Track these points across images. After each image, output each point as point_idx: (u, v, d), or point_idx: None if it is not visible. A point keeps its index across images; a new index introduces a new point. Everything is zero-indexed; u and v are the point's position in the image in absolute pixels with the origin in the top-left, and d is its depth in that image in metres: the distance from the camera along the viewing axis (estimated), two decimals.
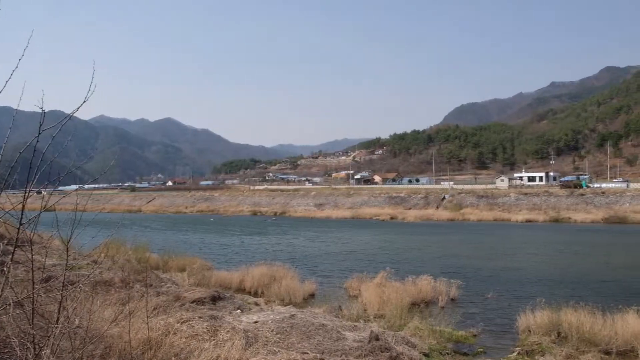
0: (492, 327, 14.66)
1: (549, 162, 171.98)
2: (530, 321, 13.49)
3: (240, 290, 19.22)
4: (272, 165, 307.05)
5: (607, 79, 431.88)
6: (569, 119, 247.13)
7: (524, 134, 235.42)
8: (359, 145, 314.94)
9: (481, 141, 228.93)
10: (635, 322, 12.34)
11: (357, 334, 10.55)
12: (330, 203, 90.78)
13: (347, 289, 19.26)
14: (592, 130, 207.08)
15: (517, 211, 70.28)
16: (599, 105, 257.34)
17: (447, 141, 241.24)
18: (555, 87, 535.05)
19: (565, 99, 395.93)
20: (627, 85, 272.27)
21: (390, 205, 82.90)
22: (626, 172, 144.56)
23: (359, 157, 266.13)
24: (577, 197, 74.56)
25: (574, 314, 13.01)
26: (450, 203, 79.43)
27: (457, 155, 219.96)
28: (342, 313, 14.17)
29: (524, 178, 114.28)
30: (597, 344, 11.92)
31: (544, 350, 11.59)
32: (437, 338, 12.35)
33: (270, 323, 10.63)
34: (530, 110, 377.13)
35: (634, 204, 67.92)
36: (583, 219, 62.62)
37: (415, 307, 16.61)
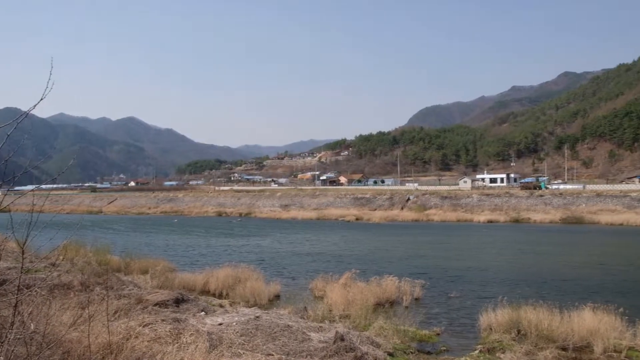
0: (455, 326, 14.91)
1: (510, 164, 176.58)
2: (492, 320, 13.78)
3: (205, 292, 18.98)
4: (238, 165, 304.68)
5: (564, 84, 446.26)
6: (529, 122, 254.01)
7: (486, 137, 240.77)
8: (324, 147, 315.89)
9: (445, 143, 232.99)
10: (590, 319, 12.75)
11: (323, 335, 10.55)
12: (296, 204, 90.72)
13: (313, 290, 19.26)
14: (551, 133, 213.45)
15: (479, 212, 71.82)
16: (557, 109, 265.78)
17: (412, 143, 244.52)
18: (515, 91, 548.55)
19: (525, 102, 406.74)
20: (584, 90, 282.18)
21: (356, 206, 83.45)
22: (582, 174, 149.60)
23: (324, 158, 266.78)
24: (537, 198, 76.73)
25: (533, 312, 13.37)
26: (415, 204, 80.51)
27: (422, 156, 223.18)
28: (307, 314, 14.15)
29: (486, 179, 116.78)
30: (555, 340, 12.28)
31: (505, 348, 11.85)
32: (402, 337, 12.47)
33: (235, 325, 10.52)
34: (492, 113, 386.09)
35: (590, 205, 70.38)
36: (542, 219, 64.49)
37: (380, 307, 16.75)
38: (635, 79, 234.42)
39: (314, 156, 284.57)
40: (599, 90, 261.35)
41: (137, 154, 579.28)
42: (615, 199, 72.20)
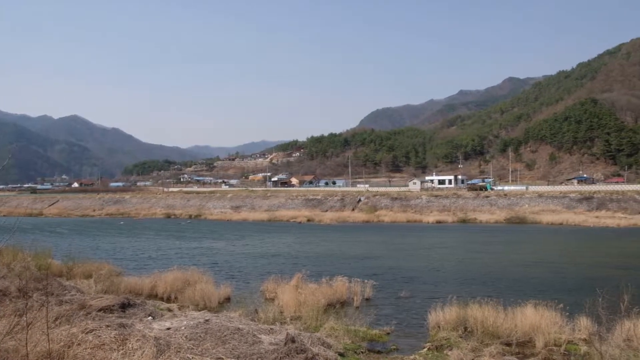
0: (405, 325, 15.14)
1: (457, 166, 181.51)
2: (440, 318, 14.08)
3: (153, 296, 18.47)
4: (188, 166, 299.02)
5: (509, 89, 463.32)
6: (476, 126, 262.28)
7: (435, 139, 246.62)
8: (276, 148, 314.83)
9: (395, 145, 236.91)
10: (533, 315, 13.25)
11: (274, 337, 10.47)
12: (247, 205, 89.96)
13: (264, 292, 19.11)
14: (496, 136, 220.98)
15: (428, 213, 73.39)
16: (502, 113, 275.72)
17: (363, 144, 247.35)
18: (463, 94, 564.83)
19: (472, 106, 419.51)
20: (527, 95, 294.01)
21: (307, 208, 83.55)
22: (525, 176, 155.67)
23: (276, 160, 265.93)
24: (483, 199, 79.18)
25: (480, 309, 13.76)
26: (366, 205, 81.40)
27: (373, 158, 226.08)
28: (258, 316, 14.02)
29: (434, 181, 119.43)
30: (500, 336, 12.68)
31: (452, 345, 12.12)
32: (352, 337, 12.54)
33: (183, 329, 10.28)
34: (440, 116, 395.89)
35: (532, 205, 73.27)
36: (488, 219, 66.61)
37: (332, 307, 16.80)
38: (574, 85, 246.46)
39: (265, 157, 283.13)
40: (540, 95, 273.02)
41: (81, 154, 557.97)
42: (555, 199, 75.51)
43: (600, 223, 58.93)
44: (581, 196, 75.54)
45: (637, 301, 12.84)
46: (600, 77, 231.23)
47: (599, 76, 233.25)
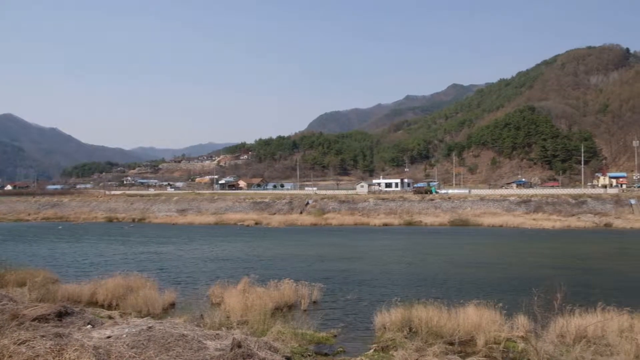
0: (352, 327, 15.26)
1: (404, 169, 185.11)
2: (386, 319, 14.29)
3: (93, 303, 17.77)
4: (131, 169, 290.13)
5: (453, 95, 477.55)
6: (421, 130, 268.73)
7: (382, 143, 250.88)
8: (224, 150, 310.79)
9: (343, 148, 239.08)
10: (474, 314, 13.67)
11: (219, 342, 10.30)
12: (194, 208, 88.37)
13: (210, 297, 18.78)
14: (441, 141, 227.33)
15: (375, 215, 74.47)
16: (447, 118, 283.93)
17: (312, 148, 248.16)
18: (409, 100, 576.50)
19: (418, 111, 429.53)
20: (470, 102, 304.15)
21: (255, 211, 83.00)
22: (468, 180, 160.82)
23: (223, 162, 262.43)
24: (428, 202, 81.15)
25: (424, 310, 14.07)
26: (314, 208, 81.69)
27: (321, 161, 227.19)
28: (204, 322, 13.75)
29: (381, 184, 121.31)
30: (443, 336, 13.00)
31: (397, 346, 12.31)
32: (300, 341, 12.52)
33: (125, 337, 9.94)
34: (388, 121, 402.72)
35: (475, 208, 75.75)
36: (432, 221, 68.28)
37: (279, 311, 16.73)
38: (513, 93, 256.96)
39: (212, 160, 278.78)
40: (482, 102, 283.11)
41: (15, 155, 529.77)
42: (496, 202, 78.38)
43: (537, 225, 61.60)
44: (520, 199, 78.78)
45: (570, 299, 13.53)
46: (537, 85, 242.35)
47: (536, 85, 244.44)
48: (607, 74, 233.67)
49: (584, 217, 67.73)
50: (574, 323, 13.02)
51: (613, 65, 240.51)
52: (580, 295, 16.85)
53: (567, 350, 10.95)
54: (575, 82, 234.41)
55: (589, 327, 12.79)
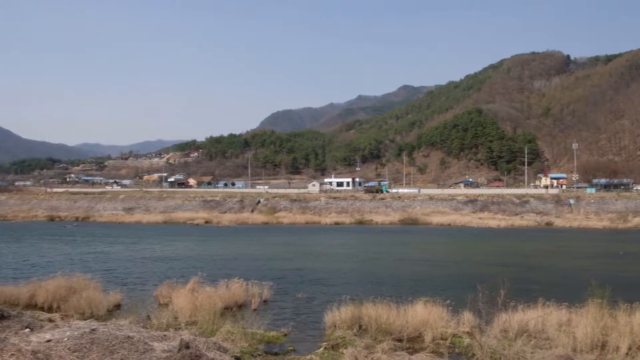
0: (302, 326, 15.26)
1: (355, 169, 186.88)
2: (336, 317, 14.37)
3: (32, 306, 16.98)
4: (75, 165, 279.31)
5: (404, 96, 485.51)
6: (373, 130, 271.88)
7: (334, 142, 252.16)
8: (173, 147, 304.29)
9: (295, 147, 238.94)
10: (422, 311, 13.96)
11: (167, 344, 10.07)
12: (141, 207, 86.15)
13: (158, 297, 18.33)
14: (392, 141, 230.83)
15: (327, 214, 74.87)
16: (397, 119, 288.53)
17: (263, 146, 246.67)
18: (362, 99, 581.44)
19: (370, 111, 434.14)
20: (420, 103, 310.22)
21: (205, 209, 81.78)
22: (418, 179, 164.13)
23: (173, 160, 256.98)
24: (379, 201, 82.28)
25: (374, 308, 14.23)
26: (265, 207, 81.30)
27: (273, 160, 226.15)
28: (150, 323, 13.42)
29: (333, 183, 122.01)
30: (392, 333, 13.19)
31: (347, 343, 12.40)
32: (249, 340, 12.42)
33: (66, 340, 9.55)
34: (340, 120, 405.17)
35: (424, 207, 77.41)
36: (383, 220, 69.30)
37: (229, 311, 16.53)
38: (462, 95, 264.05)
39: (161, 157, 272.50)
40: (432, 103, 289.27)
41: None
42: (444, 202, 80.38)
43: (483, 224, 63.65)
44: (467, 199, 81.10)
45: (513, 295, 14.04)
46: (484, 89, 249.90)
47: (483, 88, 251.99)
48: (549, 79, 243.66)
49: (527, 216, 70.49)
50: (516, 318, 13.51)
51: (555, 71, 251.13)
52: (523, 291, 17.49)
53: (510, 345, 11.34)
54: (520, 86, 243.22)
55: (530, 322, 13.31)
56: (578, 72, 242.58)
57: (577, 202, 75.74)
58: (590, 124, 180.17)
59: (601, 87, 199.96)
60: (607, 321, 12.91)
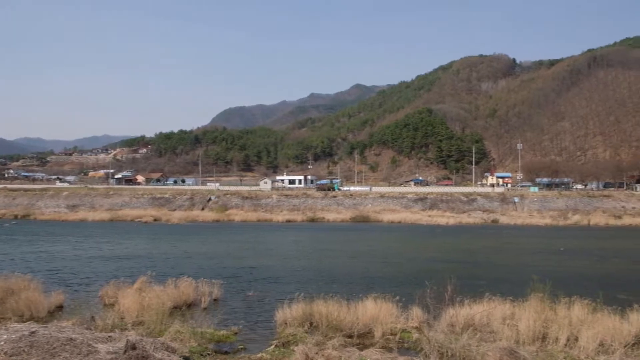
0: (253, 324, 15.15)
1: (307, 167, 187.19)
2: (287, 315, 14.34)
3: None
4: (14, 161, 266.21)
5: (356, 95, 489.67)
6: (325, 128, 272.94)
7: (287, 140, 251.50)
8: (120, 143, 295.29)
9: (247, 144, 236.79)
10: (372, 307, 14.12)
11: (112, 345, 9.75)
12: (86, 204, 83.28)
13: (103, 298, 17.74)
14: (344, 139, 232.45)
15: (279, 212, 74.67)
16: (350, 117, 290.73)
17: (215, 143, 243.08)
18: (314, 98, 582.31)
19: (323, 109, 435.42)
20: (372, 102, 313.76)
21: (154, 207, 79.91)
22: (370, 177, 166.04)
23: (120, 156, 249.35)
24: (330, 199, 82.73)
25: (325, 305, 14.28)
26: (216, 204, 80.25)
27: (224, 157, 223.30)
28: (95, 324, 12.95)
29: (285, 181, 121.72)
30: (343, 329, 13.29)
31: (298, 341, 12.39)
32: (199, 340, 12.21)
33: (2, 344, 9.09)
34: (292, 118, 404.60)
35: (375, 205, 78.40)
36: (335, 218, 69.75)
37: (178, 310, 16.19)
38: (413, 95, 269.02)
39: (108, 153, 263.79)
40: (384, 102, 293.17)
41: None
42: (395, 199, 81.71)
43: (432, 221, 65.13)
44: (417, 197, 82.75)
45: (460, 291, 14.43)
46: (434, 89, 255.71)
47: (433, 88, 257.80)
48: (496, 81, 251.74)
49: (474, 213, 72.66)
50: (462, 313, 13.89)
51: (501, 74, 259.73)
52: (469, 286, 18.00)
53: (456, 339, 11.63)
54: (468, 87, 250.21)
55: (476, 316, 13.71)
56: (523, 75, 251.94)
57: (522, 200, 78.67)
58: (534, 126, 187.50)
59: (544, 90, 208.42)
60: (548, 314, 13.48)
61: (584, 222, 64.99)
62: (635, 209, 73.31)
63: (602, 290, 16.04)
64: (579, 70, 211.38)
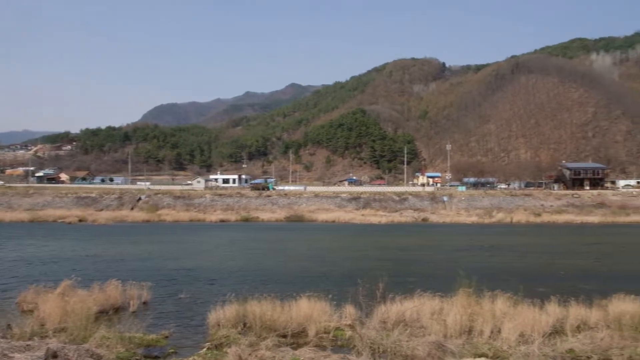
0: (185, 327, 14.80)
1: (242, 166, 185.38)
2: (220, 316, 14.09)
3: None
4: None
5: (291, 94, 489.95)
6: (260, 127, 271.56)
7: (221, 138, 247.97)
8: (42, 139, 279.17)
9: (180, 142, 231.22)
10: (306, 306, 14.17)
11: (31, 354, 9.22)
12: (3, 204, 78.20)
13: (21, 304, 16.66)
14: (279, 139, 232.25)
15: (212, 212, 73.39)
16: (285, 116, 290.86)
17: (145, 140, 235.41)
18: (249, 96, 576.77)
19: (258, 108, 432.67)
20: (307, 102, 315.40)
21: (80, 207, 76.33)
22: (304, 177, 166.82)
23: (42, 152, 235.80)
24: (265, 198, 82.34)
25: (258, 305, 14.16)
26: (147, 204, 77.78)
27: (155, 155, 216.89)
28: (11, 332, 12.17)
29: (219, 180, 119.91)
30: (277, 329, 13.23)
31: (231, 342, 12.22)
32: (127, 345, 11.76)
33: None
34: (226, 116, 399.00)
35: (310, 204, 78.78)
36: (269, 218, 69.45)
37: (104, 315, 15.51)
38: (347, 96, 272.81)
39: (28, 149, 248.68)
40: (319, 102, 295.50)
41: None
42: (329, 199, 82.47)
43: (365, 220, 66.30)
44: (351, 196, 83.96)
45: (391, 288, 14.76)
46: (368, 90, 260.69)
47: (367, 89, 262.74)
48: (427, 84, 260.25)
49: (406, 212, 74.68)
50: (394, 309, 14.23)
51: (432, 77, 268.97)
52: (401, 283, 18.46)
53: (387, 335, 11.90)
54: (400, 89, 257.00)
55: (407, 312, 14.08)
56: (452, 79, 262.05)
57: (450, 200, 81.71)
58: (462, 127, 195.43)
59: (471, 94, 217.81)
60: (474, 308, 14.09)
61: (507, 220, 68.36)
62: (552, 207, 78.07)
63: (523, 284, 16.99)
64: (503, 75, 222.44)
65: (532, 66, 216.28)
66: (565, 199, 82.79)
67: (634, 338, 12.51)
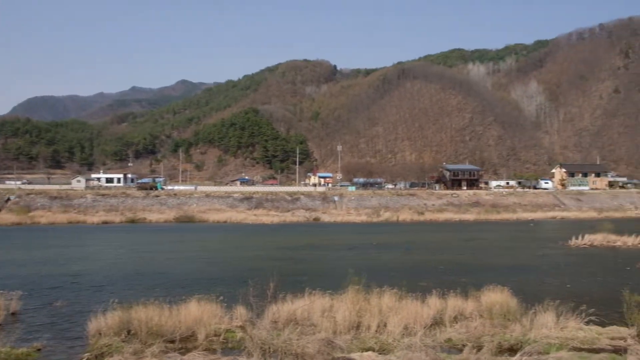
0: (62, 337, 13.78)
1: (127, 164, 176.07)
2: (102, 324, 13.22)
3: None
4: None
5: (182, 91, 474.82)
6: (148, 124, 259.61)
7: (104, 135, 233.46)
8: None
9: (57, 138, 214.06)
10: (196, 310, 13.78)
11: None
12: None
13: None
14: (168, 137, 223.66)
15: (93, 213, 68.92)
16: (175, 114, 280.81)
17: (16, 135, 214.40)
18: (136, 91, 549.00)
19: (145, 104, 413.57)
20: (198, 99, 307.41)
21: None
22: (195, 176, 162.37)
23: None
24: (153, 198, 78.93)
25: (144, 310, 13.47)
26: (17, 205, 71.13)
27: (28, 152, 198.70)
28: None
29: (102, 179, 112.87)
30: (164, 334, 12.70)
31: (114, 351, 11.56)
32: None
33: None
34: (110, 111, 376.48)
35: (200, 205, 76.84)
36: (157, 218, 66.63)
37: None
38: (240, 95, 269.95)
39: None
40: (211, 100, 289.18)
41: None
42: (221, 199, 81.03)
43: (258, 220, 66.02)
44: (243, 196, 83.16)
45: (282, 287, 14.79)
46: (261, 90, 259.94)
47: (260, 89, 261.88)
48: (319, 85, 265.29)
49: (298, 212, 75.48)
50: (285, 308, 14.30)
51: (324, 79, 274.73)
52: (292, 283, 18.60)
53: (278, 334, 11.91)
54: (293, 90, 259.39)
55: (298, 311, 14.22)
56: (343, 81, 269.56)
57: (341, 199, 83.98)
58: (352, 129, 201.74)
59: (361, 97, 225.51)
60: (362, 304, 14.59)
61: (394, 219, 71.67)
62: (434, 205, 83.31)
63: (407, 279, 17.92)
64: (390, 80, 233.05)
65: (417, 73, 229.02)
66: (445, 198, 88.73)
67: (503, 325, 13.74)
